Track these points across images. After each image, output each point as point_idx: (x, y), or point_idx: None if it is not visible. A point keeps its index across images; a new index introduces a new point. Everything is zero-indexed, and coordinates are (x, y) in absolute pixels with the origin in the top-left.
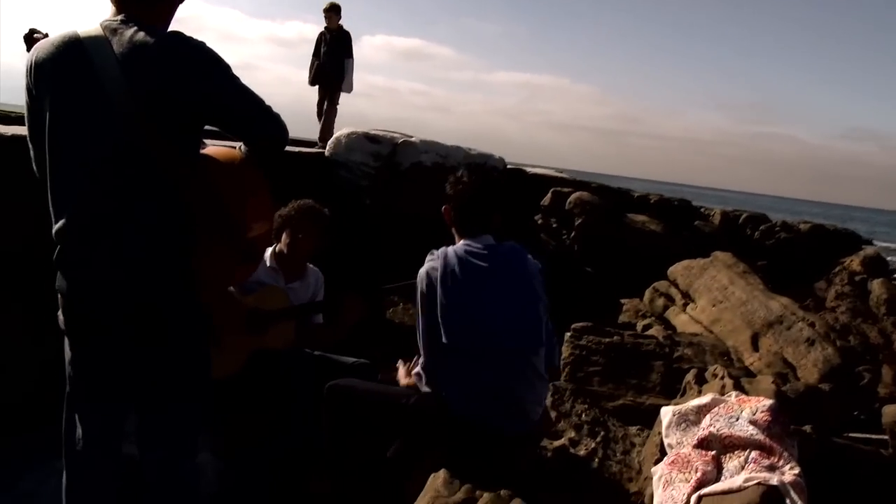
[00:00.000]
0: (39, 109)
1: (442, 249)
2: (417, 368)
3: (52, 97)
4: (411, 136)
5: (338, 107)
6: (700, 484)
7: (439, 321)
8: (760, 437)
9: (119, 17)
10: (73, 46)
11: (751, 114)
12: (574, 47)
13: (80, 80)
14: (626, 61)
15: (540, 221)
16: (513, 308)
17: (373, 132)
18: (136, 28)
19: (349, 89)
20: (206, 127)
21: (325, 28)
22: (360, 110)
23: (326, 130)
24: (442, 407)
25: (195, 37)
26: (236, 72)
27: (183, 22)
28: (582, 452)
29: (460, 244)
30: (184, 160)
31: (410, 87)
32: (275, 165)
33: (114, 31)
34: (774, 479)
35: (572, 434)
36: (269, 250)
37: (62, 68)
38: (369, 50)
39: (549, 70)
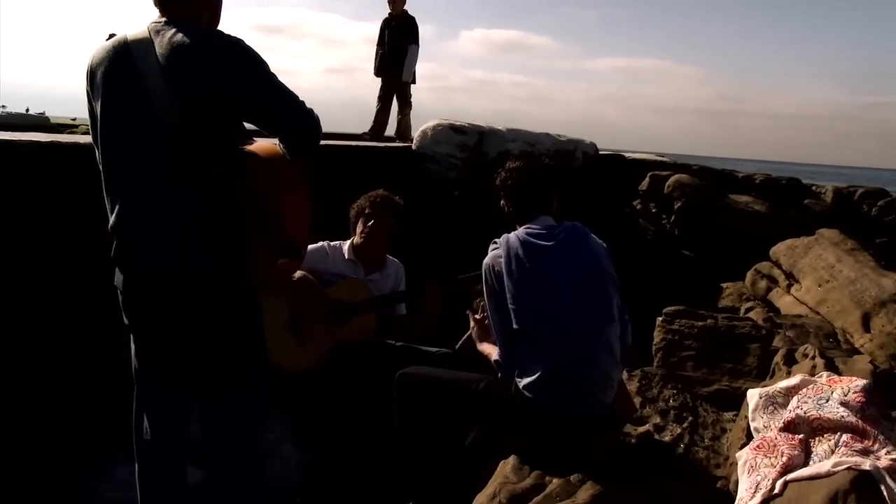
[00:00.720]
0: (94, 113)
1: (504, 236)
2: (495, 357)
3: (103, 100)
4: (498, 126)
5: (412, 100)
6: (786, 469)
7: (509, 307)
8: (852, 419)
9: (163, 19)
10: (121, 51)
11: (865, 83)
12: (676, 28)
13: (125, 83)
14: (730, 38)
15: (639, 207)
16: (581, 286)
17: (458, 123)
18: (175, 29)
19: (410, 78)
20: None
21: (389, 14)
22: (458, 106)
23: (405, 128)
24: (512, 391)
25: (298, 41)
26: (334, 74)
27: (286, 30)
28: (667, 438)
29: (521, 229)
30: (224, 154)
31: (510, 80)
32: (309, 160)
33: (157, 32)
34: (867, 464)
35: (657, 420)
36: (347, 243)
37: (110, 72)
38: (468, 44)
39: (651, 53)
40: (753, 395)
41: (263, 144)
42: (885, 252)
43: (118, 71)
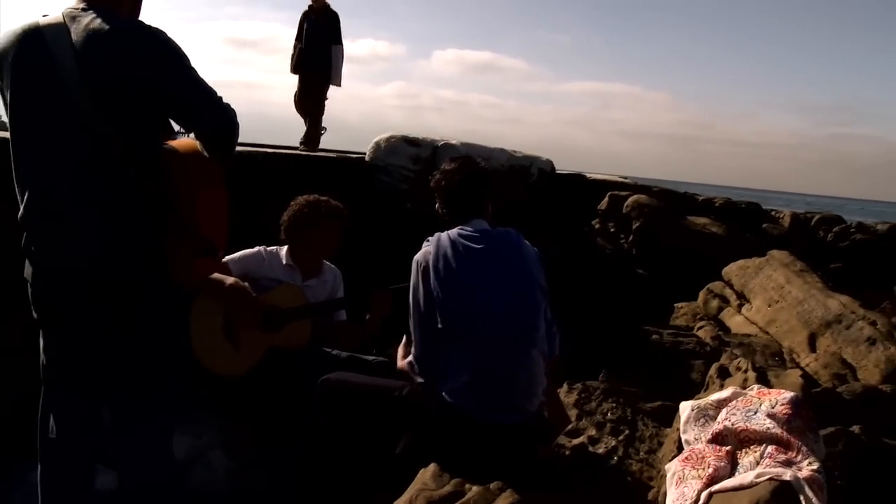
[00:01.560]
0: (5, 100)
1: (436, 234)
2: (410, 358)
3: (12, 89)
4: (452, 140)
5: (326, 102)
6: (712, 480)
7: (434, 306)
8: (777, 430)
9: (81, 5)
10: (33, 36)
11: (831, 115)
12: (646, 55)
13: (37, 71)
14: (698, 67)
15: (597, 226)
16: (508, 292)
17: (412, 136)
18: (94, 15)
19: (338, 82)
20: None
21: (310, 7)
22: (429, 125)
23: (314, 130)
24: (434, 398)
25: (271, 56)
26: None
27: (260, 44)
28: (601, 451)
29: (454, 229)
30: (140, 148)
31: (482, 100)
32: (227, 159)
33: (73, 18)
34: (788, 475)
35: (593, 432)
36: (284, 248)
37: (20, 59)
38: (440, 64)
39: (622, 78)
40: (685, 408)
41: (185, 141)
42: (840, 277)
43: (29, 58)
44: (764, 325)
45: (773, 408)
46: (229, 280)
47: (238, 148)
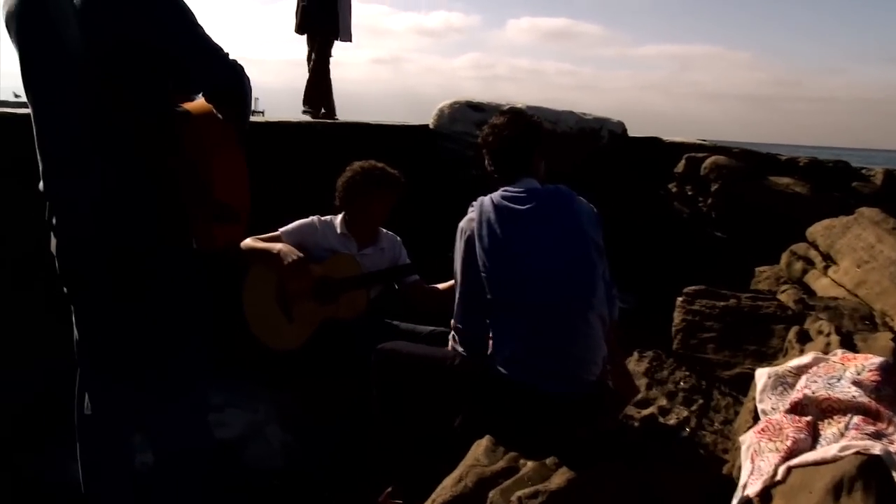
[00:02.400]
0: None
1: (479, 199)
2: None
3: (20, 52)
4: (519, 103)
5: (331, 59)
6: (790, 453)
7: (481, 276)
8: (864, 399)
9: None
10: None
11: None
12: (728, 13)
13: (40, 32)
14: (783, 23)
15: (674, 189)
16: (560, 254)
17: (475, 101)
18: None
19: (347, 37)
20: None
21: None
22: (504, 94)
23: (314, 90)
24: (483, 368)
25: None
26: (381, 65)
27: None
28: (672, 422)
29: (498, 191)
30: (150, 111)
31: (557, 68)
32: (238, 118)
33: None
34: (877, 448)
35: (663, 402)
36: (339, 217)
37: (23, 20)
38: (515, 33)
39: (702, 39)
40: (762, 375)
41: (199, 102)
42: None
43: (31, 18)
44: (852, 287)
45: (858, 374)
46: (280, 247)
47: (297, 120)
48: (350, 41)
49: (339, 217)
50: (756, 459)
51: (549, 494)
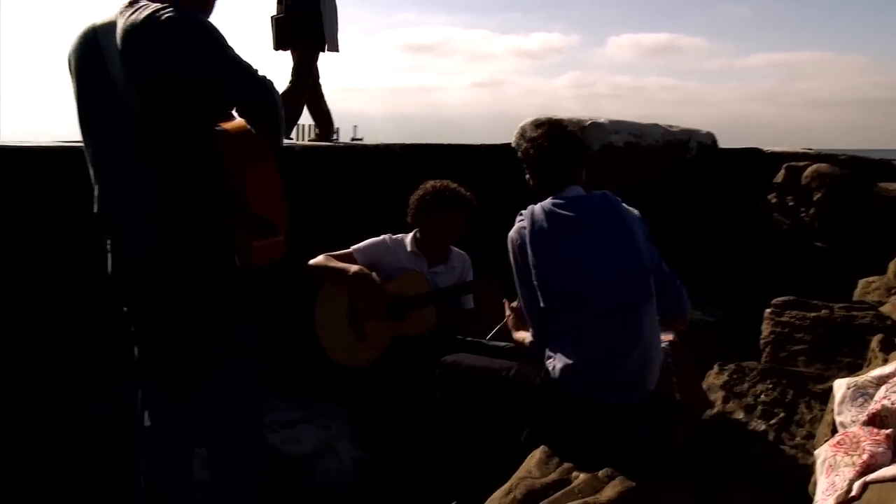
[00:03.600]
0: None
1: (529, 208)
2: (529, 339)
3: (76, 88)
4: (601, 118)
5: (318, 75)
6: (866, 468)
7: (535, 284)
8: None
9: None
10: (89, 36)
11: None
12: (837, 18)
13: (92, 70)
14: None
15: (774, 200)
16: (611, 261)
17: (557, 117)
18: (134, 9)
19: (335, 46)
20: None
21: None
22: (605, 112)
23: (314, 111)
24: (542, 378)
25: (446, 58)
26: (481, 88)
27: (435, 48)
28: (748, 436)
29: (547, 200)
30: (190, 134)
31: (659, 83)
32: (272, 132)
33: (121, 13)
34: None
35: (740, 415)
36: (409, 235)
37: (79, 59)
38: (616, 50)
39: (810, 45)
40: (840, 386)
41: (236, 121)
42: None
43: (85, 57)
44: None
45: None
46: (353, 268)
47: (375, 143)
48: (337, 51)
49: (410, 235)
50: (831, 474)
51: None
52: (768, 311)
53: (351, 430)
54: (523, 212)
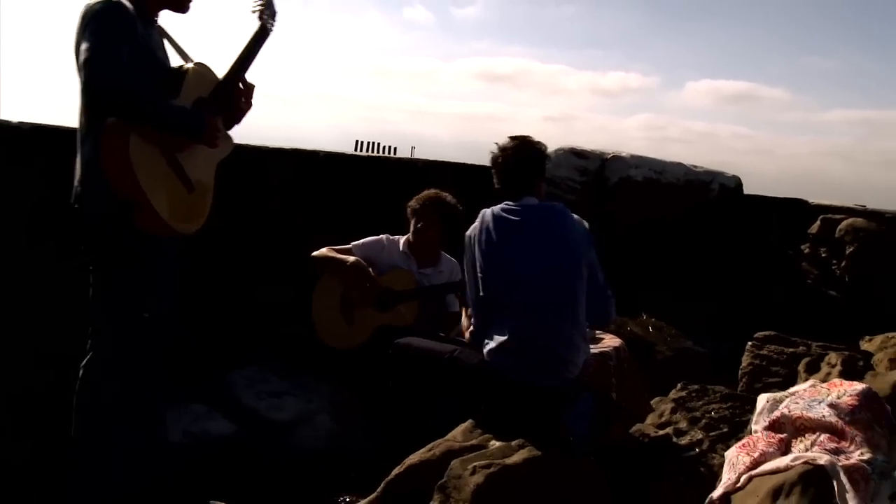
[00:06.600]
0: None
1: (483, 210)
2: (471, 328)
3: None
4: (623, 153)
5: None
6: (755, 464)
7: (479, 276)
8: (833, 419)
9: None
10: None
11: None
12: None
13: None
14: None
15: (807, 251)
16: (544, 262)
17: (579, 147)
18: None
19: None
20: None
21: None
22: (671, 155)
23: None
24: (477, 359)
25: (521, 91)
26: (552, 123)
27: (512, 78)
28: (683, 442)
29: (500, 205)
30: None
31: (732, 131)
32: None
33: None
34: (823, 460)
35: (683, 425)
36: (404, 237)
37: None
38: (692, 95)
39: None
40: (762, 400)
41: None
42: None
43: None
44: None
45: (838, 398)
46: (351, 259)
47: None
48: None
49: (405, 238)
50: (731, 471)
51: (502, 467)
52: (749, 343)
53: (331, 405)
54: (480, 213)
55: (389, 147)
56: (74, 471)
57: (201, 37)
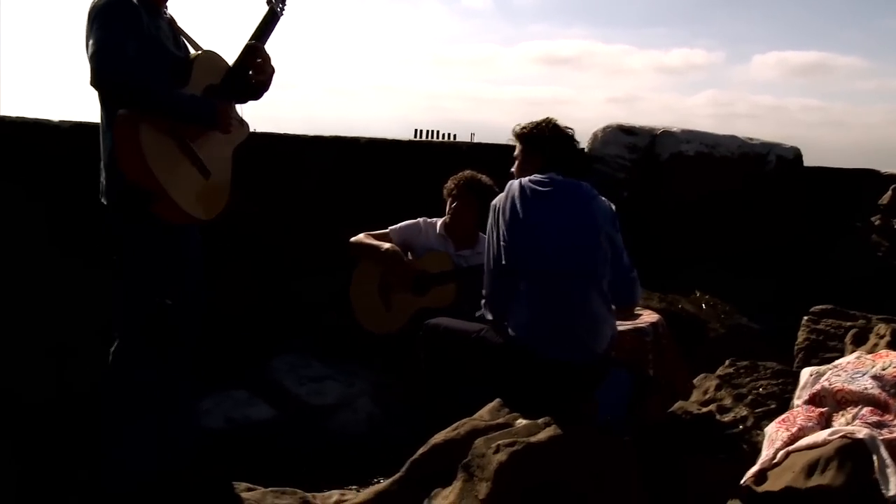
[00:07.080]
0: None
1: (510, 181)
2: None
3: None
4: (673, 128)
5: None
6: (793, 439)
7: (501, 245)
8: (876, 391)
9: None
10: None
11: None
12: None
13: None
14: None
15: (877, 223)
16: (568, 233)
17: (628, 124)
18: None
19: None
20: None
21: None
22: (738, 130)
23: None
24: (502, 334)
25: (583, 72)
26: (615, 104)
27: (573, 61)
28: (727, 419)
29: (527, 177)
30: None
31: (802, 104)
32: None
33: None
34: (862, 433)
35: (727, 401)
36: (441, 220)
37: None
38: (760, 69)
39: None
40: (805, 373)
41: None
42: None
43: None
44: None
45: (883, 370)
46: (385, 245)
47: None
48: None
49: (441, 220)
50: (770, 447)
51: (526, 445)
52: (806, 318)
53: (372, 390)
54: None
55: (448, 134)
56: (104, 458)
57: (214, 25)
